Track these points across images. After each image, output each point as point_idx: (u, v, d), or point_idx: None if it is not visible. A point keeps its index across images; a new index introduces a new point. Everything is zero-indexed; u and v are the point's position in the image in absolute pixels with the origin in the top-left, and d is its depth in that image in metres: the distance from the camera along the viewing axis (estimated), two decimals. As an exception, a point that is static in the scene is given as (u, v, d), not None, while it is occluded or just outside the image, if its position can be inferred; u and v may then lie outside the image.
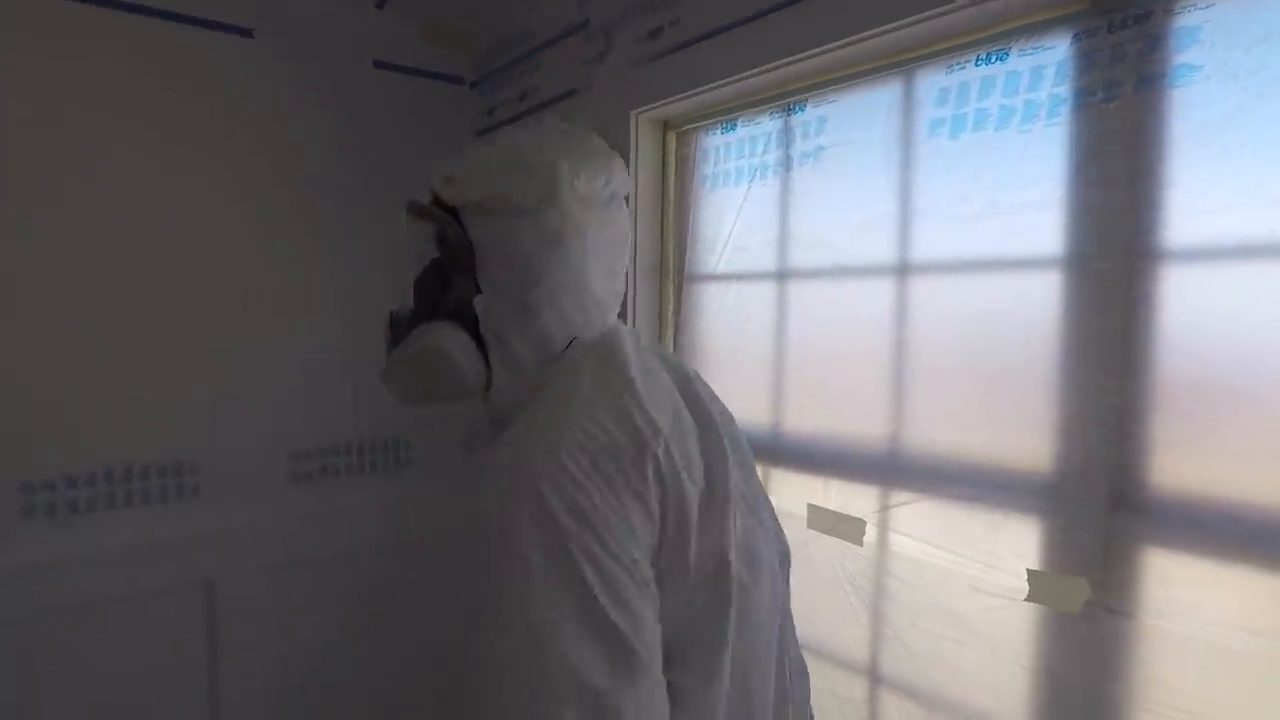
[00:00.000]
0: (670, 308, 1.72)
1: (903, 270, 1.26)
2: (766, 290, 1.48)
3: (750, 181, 1.52)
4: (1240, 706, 0.91)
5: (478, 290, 0.80)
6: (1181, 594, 0.96)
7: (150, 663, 1.79)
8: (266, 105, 1.90)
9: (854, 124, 1.32)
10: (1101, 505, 1.01)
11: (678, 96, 1.54)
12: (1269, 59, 0.87)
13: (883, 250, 1.27)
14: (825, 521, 1.33)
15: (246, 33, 1.86)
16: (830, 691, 1.32)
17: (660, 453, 0.70)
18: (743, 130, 1.54)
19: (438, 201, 0.83)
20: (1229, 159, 0.90)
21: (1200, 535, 0.94)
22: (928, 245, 1.21)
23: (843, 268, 1.35)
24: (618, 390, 0.75)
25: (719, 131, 1.59)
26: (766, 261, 1.47)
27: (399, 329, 0.86)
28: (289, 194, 1.95)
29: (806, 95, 1.41)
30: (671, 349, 1.73)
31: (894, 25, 1.16)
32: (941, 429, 1.19)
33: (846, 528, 1.29)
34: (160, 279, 1.78)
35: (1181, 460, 0.97)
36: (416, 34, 2.12)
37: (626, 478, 0.68)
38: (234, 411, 1.89)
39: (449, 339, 0.79)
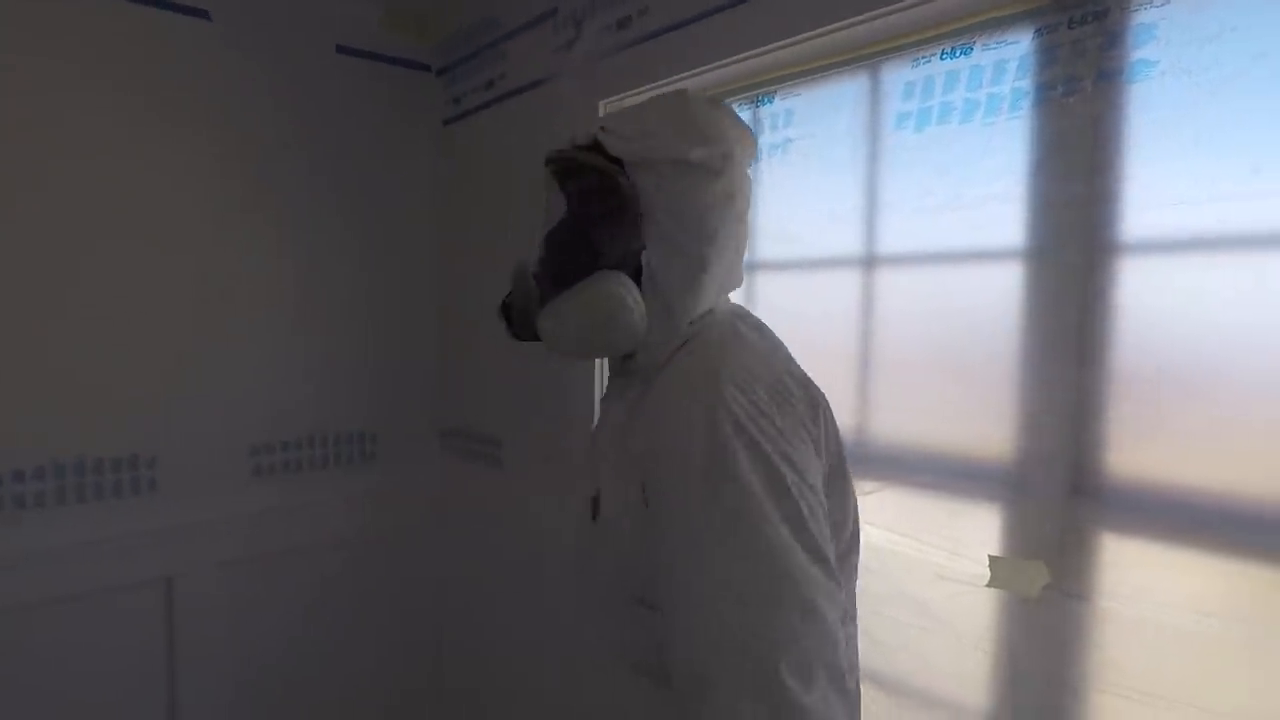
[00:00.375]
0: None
1: (869, 262, 1.27)
2: (735, 282, 1.48)
3: (719, 173, 1.51)
4: (1191, 685, 0.94)
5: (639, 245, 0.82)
6: (1135, 577, 0.99)
7: (107, 662, 1.75)
8: (224, 90, 1.85)
9: (821, 117, 1.33)
10: (1060, 492, 1.04)
11: (646, 87, 1.53)
12: (1221, 56, 0.89)
13: (849, 243, 1.28)
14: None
15: (203, 14, 1.80)
16: None
17: (825, 406, 0.83)
18: (712, 121, 1.54)
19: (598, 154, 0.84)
20: (1183, 154, 0.92)
21: (1153, 520, 0.97)
22: (894, 238, 1.23)
23: (810, 260, 1.36)
24: (776, 346, 0.87)
25: (688, 122, 1.58)
26: (735, 253, 1.47)
27: (527, 283, 0.87)
28: (247, 182, 1.90)
29: (774, 88, 1.41)
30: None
31: (860, 18, 1.17)
32: (906, 419, 1.21)
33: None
34: (114, 268, 1.72)
35: (1136, 448, 0.99)
36: (378, 23, 2.08)
37: (802, 420, 0.76)
38: (192, 403, 1.84)
39: (630, 288, 0.79)
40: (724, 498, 0.68)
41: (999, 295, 1.09)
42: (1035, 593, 1.04)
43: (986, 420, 1.10)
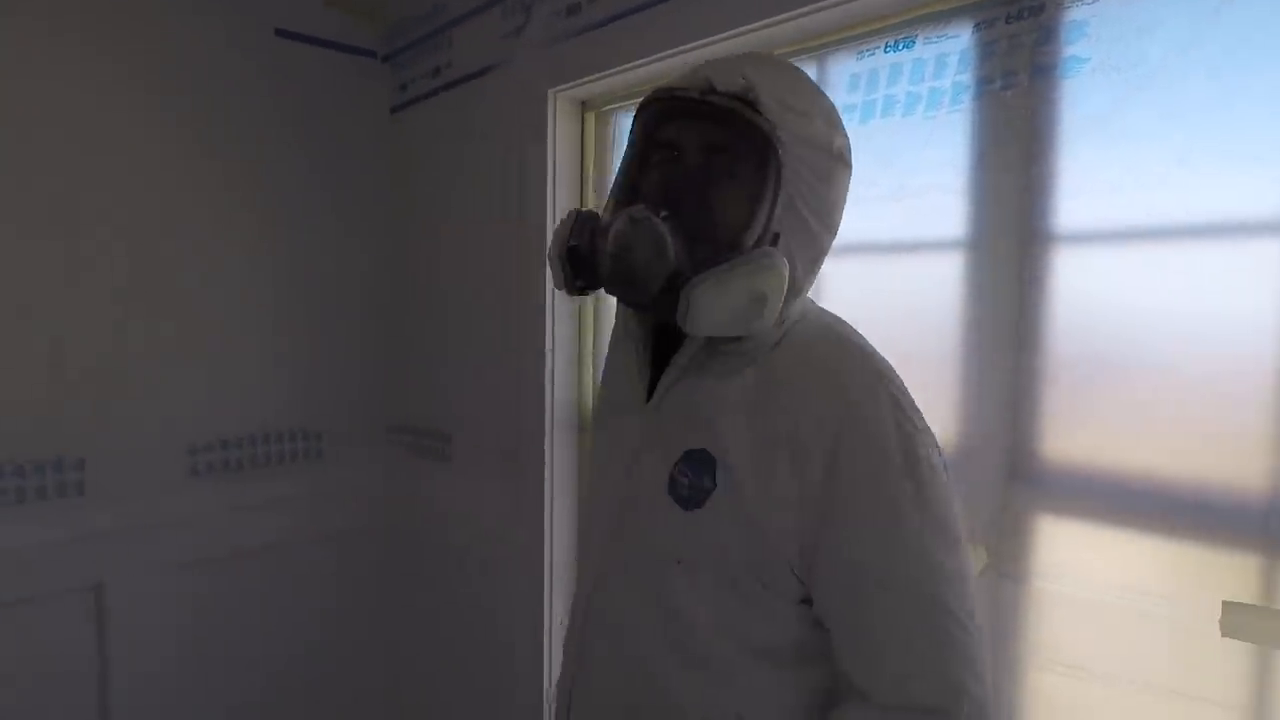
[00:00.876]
0: (591, 294, 1.70)
1: (816, 253, 1.28)
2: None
3: (669, 164, 1.51)
4: (1122, 660, 0.97)
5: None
6: (1069, 557, 1.02)
7: (34, 671, 1.66)
8: (159, 71, 1.77)
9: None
10: (998, 477, 1.07)
11: (595, 76, 1.52)
12: (1146, 52, 0.92)
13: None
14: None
15: (132, -8, 1.72)
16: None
17: None
18: (661, 112, 1.53)
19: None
20: (1112, 146, 0.95)
21: (1085, 502, 1.01)
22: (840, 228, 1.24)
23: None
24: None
25: (638, 113, 1.58)
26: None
27: (659, 234, 0.68)
28: (183, 170, 1.83)
29: None
30: (591, 335, 1.71)
31: (808, 9, 1.17)
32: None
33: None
34: (35, 259, 1.63)
35: (1070, 432, 1.02)
36: (322, 1, 2.01)
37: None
38: (124, 402, 1.76)
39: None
40: (930, 499, 0.69)
41: (940, 284, 1.11)
42: (975, 575, 1.07)
43: (929, 408, 1.12)
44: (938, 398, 1.12)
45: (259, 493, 1.99)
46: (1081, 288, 1.00)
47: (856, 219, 1.20)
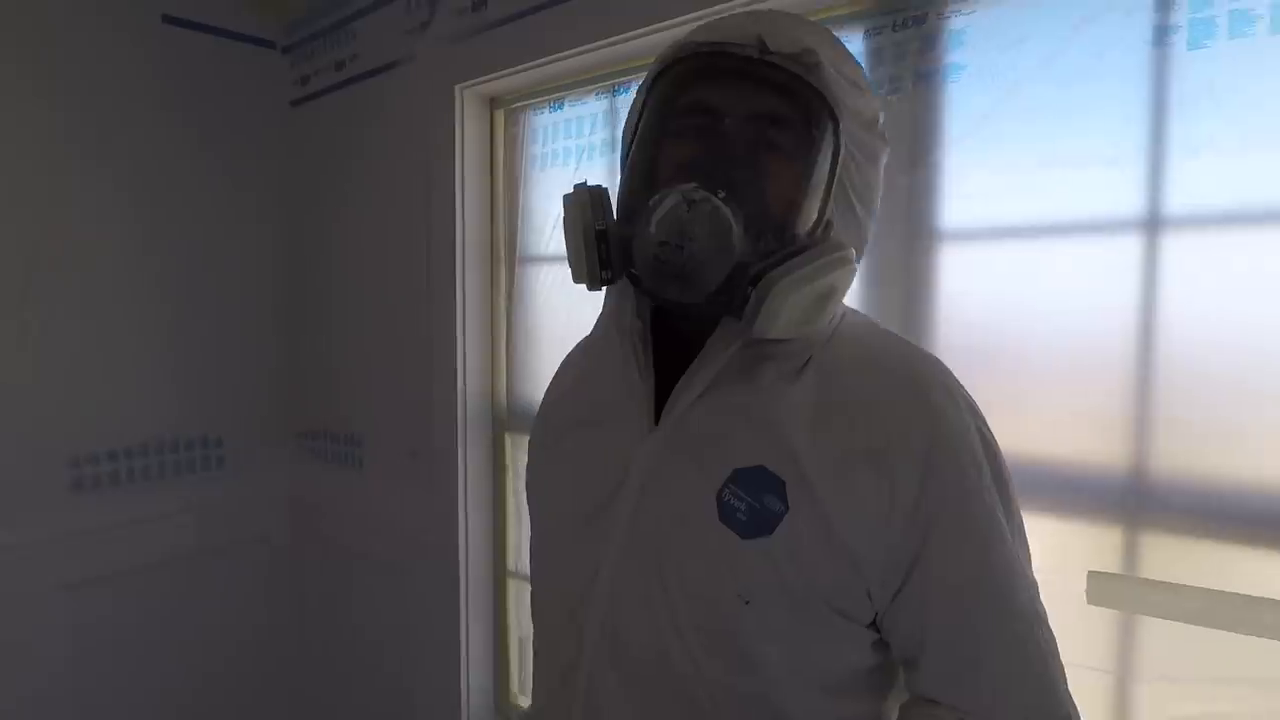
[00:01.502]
0: (502, 290, 1.68)
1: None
2: (597, 271, 1.48)
3: (579, 162, 1.51)
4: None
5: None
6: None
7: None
8: (38, 58, 1.64)
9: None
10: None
11: (502, 72, 1.50)
12: (1018, 60, 0.99)
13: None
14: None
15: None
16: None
17: None
18: (570, 110, 1.53)
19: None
20: (987, 149, 1.01)
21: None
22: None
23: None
24: None
25: (547, 110, 1.57)
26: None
27: (725, 224, 0.57)
28: (67, 161, 1.70)
29: (630, 77, 1.42)
30: (504, 332, 1.70)
31: (710, 12, 1.20)
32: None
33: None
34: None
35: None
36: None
37: None
38: (-8, 412, 1.63)
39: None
40: (1015, 510, 0.65)
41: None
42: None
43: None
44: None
45: (153, 505, 1.87)
46: (965, 283, 1.06)
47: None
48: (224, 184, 1.97)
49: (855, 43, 1.14)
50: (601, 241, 0.62)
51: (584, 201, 0.63)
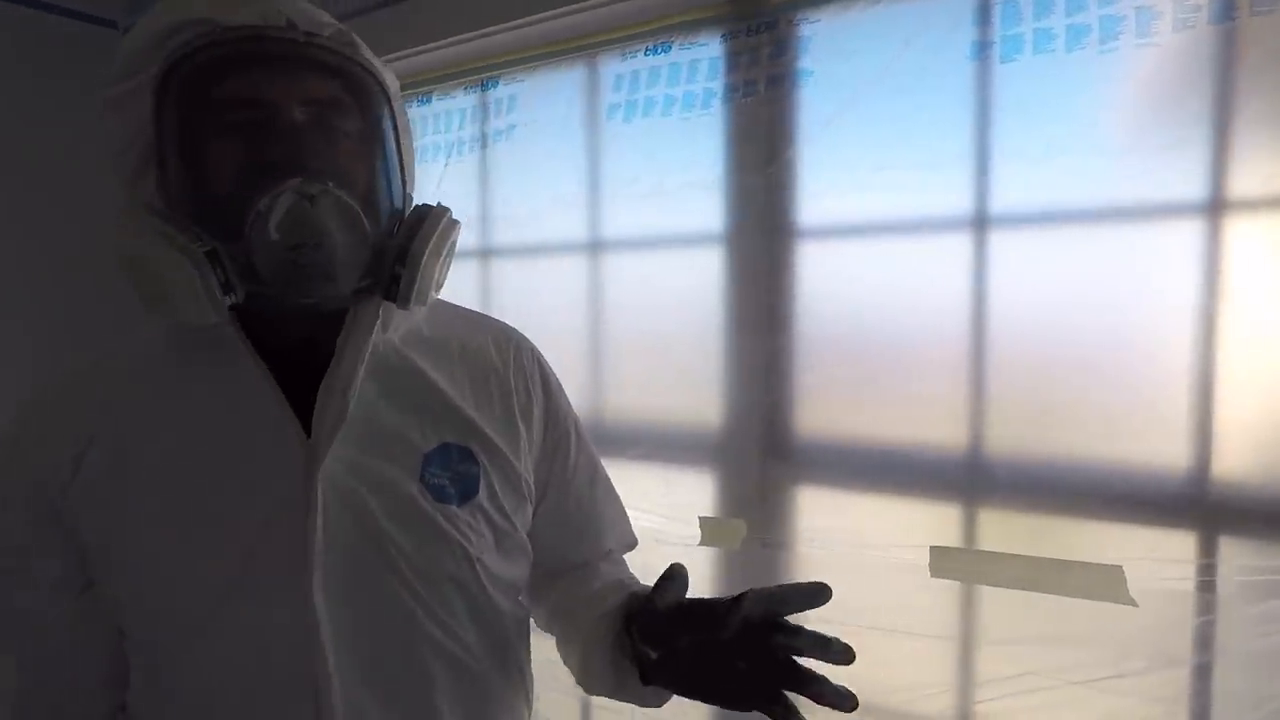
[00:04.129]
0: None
1: (594, 247, 1.32)
2: (469, 268, 1.46)
3: (448, 157, 1.48)
4: (868, 612, 1.09)
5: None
6: (820, 523, 1.13)
7: None
8: None
9: (543, 103, 1.35)
10: (756, 452, 1.16)
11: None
12: (860, 68, 1.05)
13: (575, 228, 1.32)
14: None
15: None
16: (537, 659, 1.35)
17: None
18: (438, 104, 1.50)
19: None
20: (834, 151, 1.07)
21: (833, 471, 1.12)
22: (613, 223, 1.29)
23: (540, 245, 1.38)
24: None
25: (414, 104, 1.53)
26: (467, 239, 1.45)
27: (351, 209, 0.56)
28: None
29: (499, 72, 1.41)
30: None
31: (574, 8, 1.20)
32: (626, 394, 1.27)
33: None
34: None
35: (816, 407, 1.13)
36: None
37: None
38: None
39: None
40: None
41: (702, 275, 1.19)
42: (738, 546, 1.16)
43: (695, 392, 1.20)
44: (701, 381, 1.19)
45: None
46: (821, 276, 1.12)
47: (621, 215, 1.26)
48: (60, 173, 1.80)
49: (714, 45, 1.17)
50: (215, 263, 0.54)
51: (160, 229, 0.54)
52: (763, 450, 1.16)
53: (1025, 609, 1.00)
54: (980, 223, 1.00)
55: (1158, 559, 0.93)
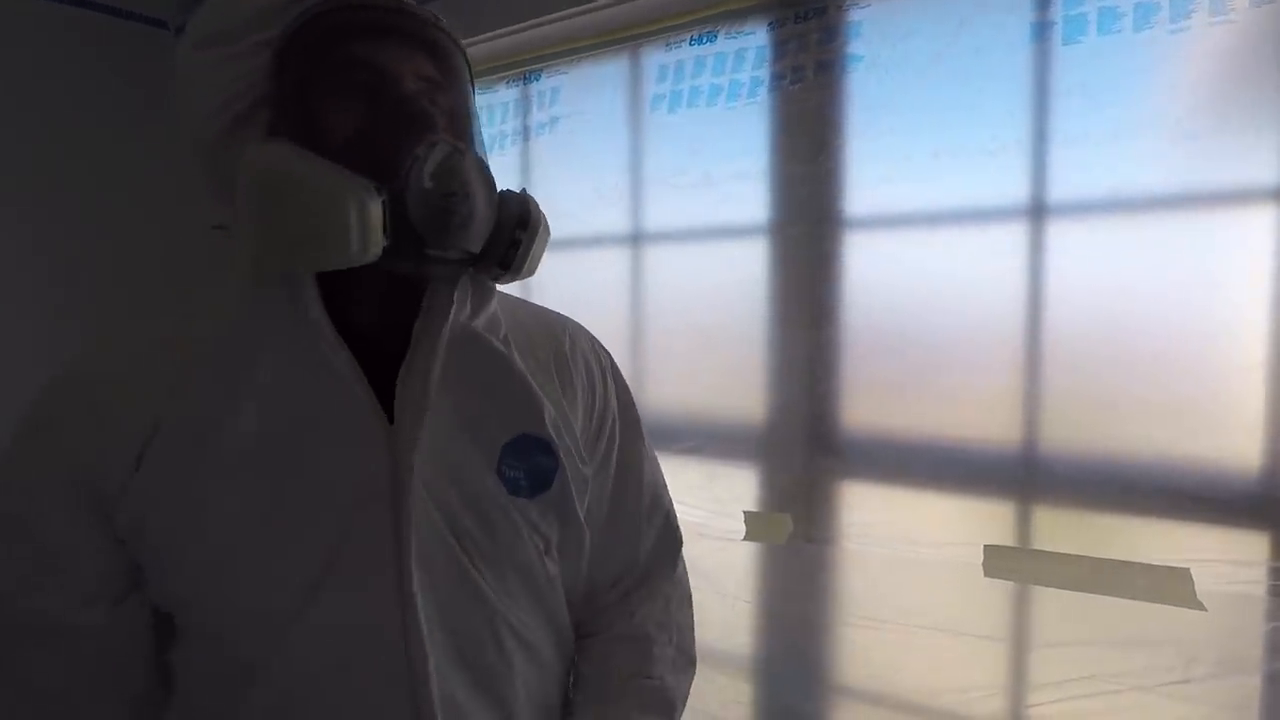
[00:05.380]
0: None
1: (637, 239, 1.31)
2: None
3: (491, 150, 1.49)
4: (917, 611, 1.07)
5: None
6: (867, 519, 1.11)
7: None
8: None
9: (586, 96, 1.35)
10: (802, 447, 1.14)
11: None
12: (911, 53, 1.02)
13: (618, 220, 1.32)
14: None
15: None
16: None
17: None
18: (481, 98, 1.50)
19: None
20: (883, 138, 1.04)
21: (880, 467, 1.10)
22: (656, 215, 1.28)
23: (583, 238, 1.37)
24: None
25: (457, 98, 1.54)
26: (510, 232, 1.46)
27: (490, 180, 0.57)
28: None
29: (541, 65, 1.41)
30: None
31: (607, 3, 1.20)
32: (669, 387, 1.26)
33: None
34: None
35: (863, 402, 1.11)
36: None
37: None
38: None
39: None
40: None
41: (747, 266, 1.17)
42: (783, 541, 1.14)
43: (739, 385, 1.18)
44: (746, 374, 1.18)
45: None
46: (869, 267, 1.09)
47: (665, 207, 1.25)
48: (113, 177, 1.85)
49: (760, 34, 1.15)
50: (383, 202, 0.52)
51: (320, 160, 0.52)
52: (808, 444, 1.14)
53: (1081, 610, 0.96)
54: (1037, 211, 0.97)
55: (1227, 561, 0.89)
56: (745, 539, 1.16)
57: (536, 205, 0.59)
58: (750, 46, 1.16)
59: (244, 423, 0.55)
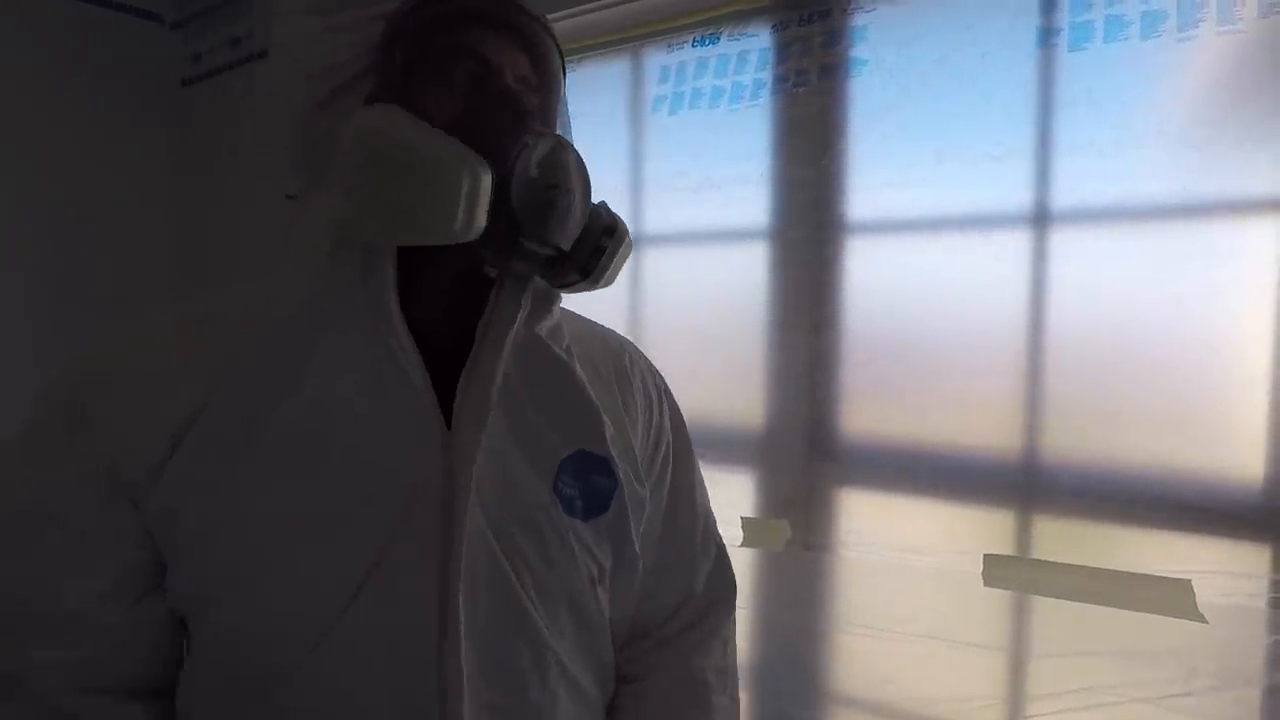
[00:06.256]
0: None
1: (636, 241, 1.30)
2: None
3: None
4: (915, 619, 1.06)
5: None
6: (866, 526, 1.10)
7: None
8: None
9: (587, 97, 1.34)
10: (800, 452, 1.13)
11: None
12: (914, 57, 1.01)
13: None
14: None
15: None
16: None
17: None
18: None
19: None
20: (886, 143, 1.04)
21: (880, 474, 1.09)
22: (656, 217, 1.27)
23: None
24: None
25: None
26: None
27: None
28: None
29: (576, 58, 1.40)
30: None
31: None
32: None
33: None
34: None
35: (863, 408, 1.10)
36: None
37: None
38: None
39: None
40: None
41: (747, 270, 1.16)
42: (781, 548, 1.13)
43: (739, 390, 1.18)
44: (745, 379, 1.17)
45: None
46: (869, 273, 1.09)
47: (666, 209, 1.24)
48: (104, 169, 1.83)
49: (763, 36, 1.14)
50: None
51: (447, 143, 0.49)
52: (807, 450, 1.13)
53: (1079, 621, 0.96)
54: (1041, 218, 0.97)
55: (1228, 573, 0.88)
56: (742, 545, 1.15)
57: (623, 221, 0.57)
58: (753, 49, 1.15)
59: (295, 410, 0.52)
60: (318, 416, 0.52)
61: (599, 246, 0.54)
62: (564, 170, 0.51)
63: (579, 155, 0.53)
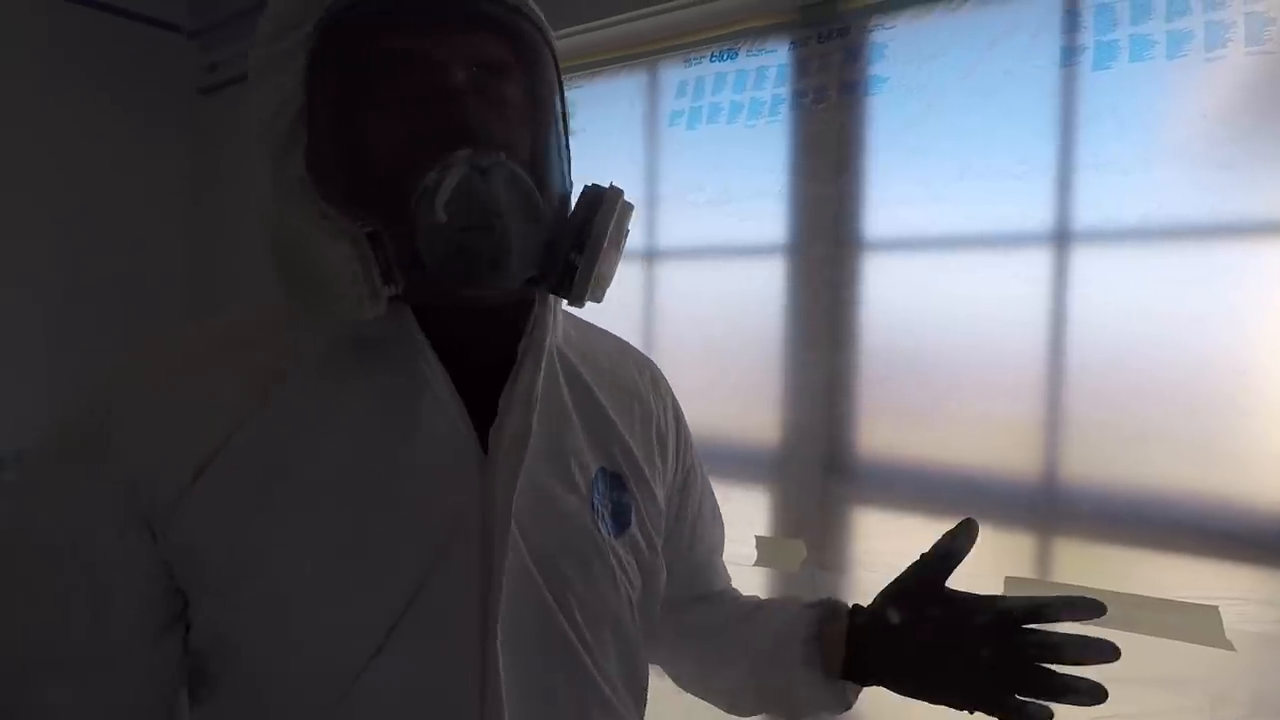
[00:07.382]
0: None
1: (651, 255, 1.29)
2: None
3: (505, 163, 1.48)
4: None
5: None
6: (883, 546, 1.08)
7: None
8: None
9: (603, 110, 1.34)
10: (816, 471, 1.12)
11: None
12: (936, 75, 1.01)
13: (632, 236, 1.30)
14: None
15: None
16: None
17: None
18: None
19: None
20: (906, 160, 1.03)
21: (897, 494, 1.08)
22: (672, 232, 1.26)
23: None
24: None
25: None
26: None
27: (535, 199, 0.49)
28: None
29: (577, 74, 1.40)
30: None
31: (639, 13, 1.19)
32: (681, 407, 1.24)
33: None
34: None
35: (880, 427, 1.09)
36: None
37: None
38: None
39: None
40: None
41: (763, 286, 1.16)
42: (796, 568, 1.11)
43: (753, 407, 1.16)
44: (760, 395, 1.16)
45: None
46: (887, 290, 1.08)
47: (682, 223, 1.23)
48: (121, 177, 1.84)
49: (781, 52, 1.14)
50: (377, 247, 0.45)
51: (313, 206, 0.47)
52: (823, 469, 1.12)
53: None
54: (1062, 236, 0.96)
55: (1255, 600, 0.87)
56: (756, 564, 1.13)
57: (610, 211, 0.50)
58: (772, 64, 1.15)
59: (323, 444, 0.49)
60: (348, 449, 0.49)
61: (568, 264, 0.49)
62: (478, 203, 0.45)
63: (513, 170, 0.46)
